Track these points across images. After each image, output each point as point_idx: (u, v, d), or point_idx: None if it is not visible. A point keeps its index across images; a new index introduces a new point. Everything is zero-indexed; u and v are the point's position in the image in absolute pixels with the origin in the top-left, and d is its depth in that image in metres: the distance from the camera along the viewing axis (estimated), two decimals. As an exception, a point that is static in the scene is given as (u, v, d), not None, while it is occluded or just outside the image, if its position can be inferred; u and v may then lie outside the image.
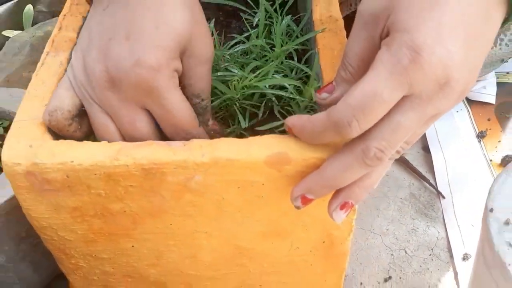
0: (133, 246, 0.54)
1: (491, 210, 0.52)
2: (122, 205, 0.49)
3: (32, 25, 0.86)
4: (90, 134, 0.51)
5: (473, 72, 0.42)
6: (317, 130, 0.43)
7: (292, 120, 0.46)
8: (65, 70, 0.53)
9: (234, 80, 0.55)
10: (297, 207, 0.46)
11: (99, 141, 0.48)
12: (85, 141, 0.47)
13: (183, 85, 0.51)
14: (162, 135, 0.50)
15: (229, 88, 0.55)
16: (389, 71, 0.40)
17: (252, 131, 0.55)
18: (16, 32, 0.83)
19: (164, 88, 0.47)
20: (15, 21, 0.88)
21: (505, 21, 0.44)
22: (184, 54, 0.49)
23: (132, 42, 0.46)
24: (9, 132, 0.48)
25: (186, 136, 0.50)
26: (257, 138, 0.47)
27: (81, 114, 0.50)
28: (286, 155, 0.45)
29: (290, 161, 0.46)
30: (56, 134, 0.50)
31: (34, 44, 0.78)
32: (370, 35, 0.44)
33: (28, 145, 0.47)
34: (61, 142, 0.47)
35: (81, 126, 0.50)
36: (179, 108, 0.48)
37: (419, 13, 0.40)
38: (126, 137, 0.49)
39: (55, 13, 0.92)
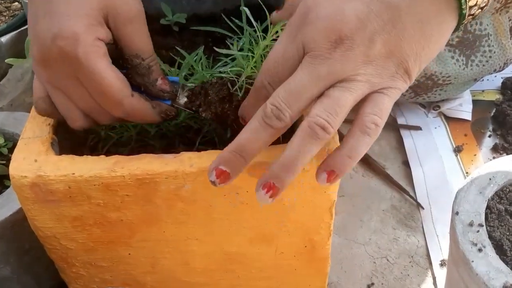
0: (130, 254, 0.59)
1: (457, 213, 0.57)
2: (119, 214, 0.54)
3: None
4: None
5: (384, 44, 0.43)
6: (247, 106, 0.49)
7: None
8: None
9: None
10: (213, 183, 0.46)
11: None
12: (85, 156, 0.52)
13: (120, 48, 0.53)
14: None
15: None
16: (286, 32, 0.45)
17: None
18: (18, 60, 0.88)
19: (86, 57, 0.48)
20: (18, 49, 0.93)
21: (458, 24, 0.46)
22: (109, 18, 0.51)
23: (49, 19, 0.49)
24: (16, 148, 0.53)
25: (117, 111, 0.51)
26: (241, 150, 0.51)
27: None
28: (267, 164, 0.50)
29: (271, 170, 0.50)
30: (59, 149, 0.55)
31: (35, 71, 0.83)
32: None
33: (33, 160, 0.52)
34: (63, 156, 0.52)
35: None
36: (104, 75, 0.49)
37: None
38: (82, 109, 0.52)
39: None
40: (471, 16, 0.46)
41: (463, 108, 0.98)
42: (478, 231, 0.55)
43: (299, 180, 0.51)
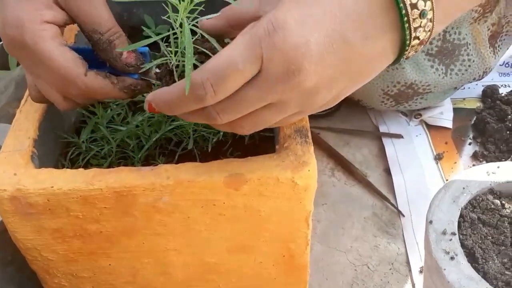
0: (110, 264, 0.59)
1: (431, 222, 0.58)
2: (98, 226, 0.55)
3: (17, 65, 0.91)
4: None
5: (333, 79, 0.43)
6: (176, 99, 0.44)
7: (151, 95, 0.46)
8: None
9: None
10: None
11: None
12: (64, 169, 0.53)
13: (80, 27, 0.52)
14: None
15: None
16: (246, 42, 0.42)
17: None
18: (1, 72, 0.89)
19: (33, 42, 0.48)
20: (1, 61, 0.93)
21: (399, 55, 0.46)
22: None
23: (1, 8, 0.50)
24: (-4, 162, 0.54)
25: (74, 91, 0.51)
26: (217, 162, 0.52)
27: None
28: (243, 176, 0.51)
29: (247, 181, 0.51)
30: (39, 162, 0.55)
31: (19, 82, 0.84)
32: None
33: (13, 173, 0.52)
34: (42, 170, 0.53)
35: None
36: (53, 58, 0.49)
37: (292, 1, 0.42)
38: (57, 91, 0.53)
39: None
40: (406, 57, 0.47)
41: (444, 116, 0.99)
42: (450, 240, 0.56)
43: (274, 191, 0.52)
